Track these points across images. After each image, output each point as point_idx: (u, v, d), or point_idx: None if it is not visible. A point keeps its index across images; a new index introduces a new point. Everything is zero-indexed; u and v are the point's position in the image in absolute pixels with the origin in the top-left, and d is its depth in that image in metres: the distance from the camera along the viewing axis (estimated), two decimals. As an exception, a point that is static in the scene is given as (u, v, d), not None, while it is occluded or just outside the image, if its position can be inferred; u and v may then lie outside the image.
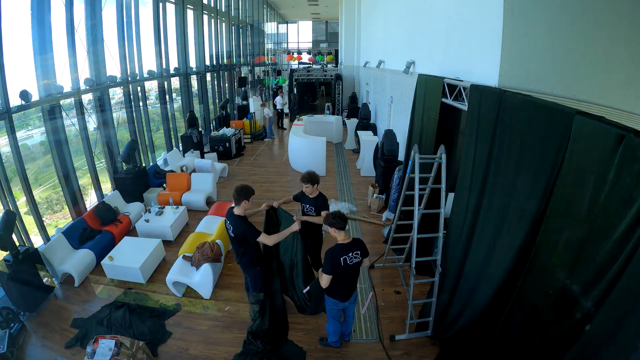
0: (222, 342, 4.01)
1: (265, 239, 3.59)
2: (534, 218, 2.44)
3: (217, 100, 14.77)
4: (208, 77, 13.59)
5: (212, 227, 5.75)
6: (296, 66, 22.76)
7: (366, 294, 4.74)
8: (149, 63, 9.11)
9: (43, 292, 4.71)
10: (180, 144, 10.66)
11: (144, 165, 8.27)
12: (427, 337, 3.97)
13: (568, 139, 2.12)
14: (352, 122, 12.57)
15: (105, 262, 5.05)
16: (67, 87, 6.25)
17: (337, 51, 22.76)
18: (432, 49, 5.99)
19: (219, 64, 14.76)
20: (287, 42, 33.23)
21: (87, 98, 6.95)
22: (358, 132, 11.23)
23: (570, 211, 2.15)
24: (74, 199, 6.40)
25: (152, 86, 9.87)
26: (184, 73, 11.13)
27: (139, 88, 8.49)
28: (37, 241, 5.61)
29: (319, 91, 23.87)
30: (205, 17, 12.94)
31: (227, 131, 11.21)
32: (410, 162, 4.44)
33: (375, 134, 10.99)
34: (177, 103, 11.65)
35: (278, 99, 15.25)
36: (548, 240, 2.33)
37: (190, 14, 11.65)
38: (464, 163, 3.56)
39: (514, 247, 2.64)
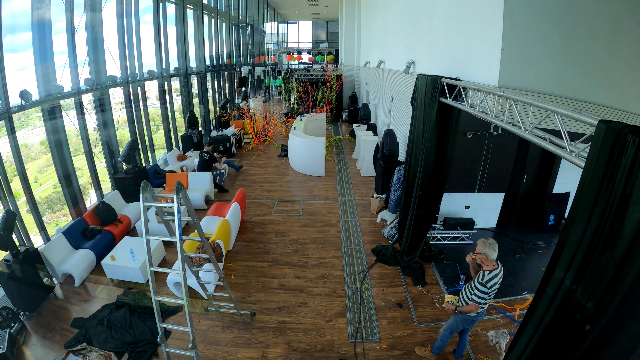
0: (222, 342, 4.02)
1: None
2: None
3: (217, 100, 14.77)
4: (208, 77, 13.60)
5: (212, 227, 5.74)
6: (296, 66, 22.76)
7: (365, 292, 4.75)
8: (149, 63, 9.13)
9: (43, 292, 4.72)
10: (180, 144, 10.67)
11: (144, 165, 8.27)
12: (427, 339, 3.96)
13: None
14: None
15: (105, 262, 5.06)
16: (67, 87, 6.24)
17: (337, 51, 22.80)
18: (432, 49, 5.98)
19: (219, 64, 14.76)
20: (287, 42, 33.27)
21: (87, 98, 6.95)
22: (355, 129, 11.23)
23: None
24: (74, 199, 6.40)
25: (152, 86, 9.86)
26: (184, 73, 11.12)
27: (139, 88, 8.48)
28: (37, 241, 5.61)
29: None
30: (205, 17, 12.94)
31: (227, 131, 11.23)
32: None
33: (375, 134, 10.99)
34: (177, 103, 11.65)
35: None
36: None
37: (190, 14, 11.65)
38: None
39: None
